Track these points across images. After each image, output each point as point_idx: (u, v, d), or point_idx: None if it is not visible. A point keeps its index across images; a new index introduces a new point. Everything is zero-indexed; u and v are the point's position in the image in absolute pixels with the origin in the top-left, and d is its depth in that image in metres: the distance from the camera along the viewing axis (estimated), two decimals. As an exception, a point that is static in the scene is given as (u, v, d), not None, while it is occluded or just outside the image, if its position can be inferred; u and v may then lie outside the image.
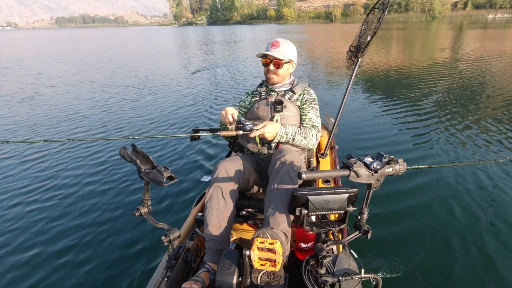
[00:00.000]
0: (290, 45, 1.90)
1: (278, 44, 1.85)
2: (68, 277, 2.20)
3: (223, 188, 1.56)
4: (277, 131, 1.67)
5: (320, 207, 1.11)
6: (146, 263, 2.26)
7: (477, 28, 31.90)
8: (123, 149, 1.22)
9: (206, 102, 6.94)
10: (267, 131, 1.62)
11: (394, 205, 2.85)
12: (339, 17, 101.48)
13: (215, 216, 1.52)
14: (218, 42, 25.97)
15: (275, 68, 1.86)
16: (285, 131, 1.69)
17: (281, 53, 1.84)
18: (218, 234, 1.49)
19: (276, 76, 1.89)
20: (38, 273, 2.23)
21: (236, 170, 1.62)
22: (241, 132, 1.58)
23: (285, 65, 1.87)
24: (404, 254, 2.27)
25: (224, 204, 1.54)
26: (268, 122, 1.65)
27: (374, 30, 1.99)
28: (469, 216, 2.69)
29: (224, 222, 1.52)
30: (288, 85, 1.95)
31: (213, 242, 1.47)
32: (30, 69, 12.77)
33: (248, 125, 1.58)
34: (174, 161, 3.95)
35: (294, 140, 1.73)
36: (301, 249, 1.58)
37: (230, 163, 1.63)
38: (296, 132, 1.73)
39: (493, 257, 2.22)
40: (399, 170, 1.14)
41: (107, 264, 2.29)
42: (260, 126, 1.61)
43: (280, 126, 1.69)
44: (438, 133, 4.57)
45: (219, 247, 1.46)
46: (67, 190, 3.33)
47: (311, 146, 1.82)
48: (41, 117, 5.98)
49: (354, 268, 1.27)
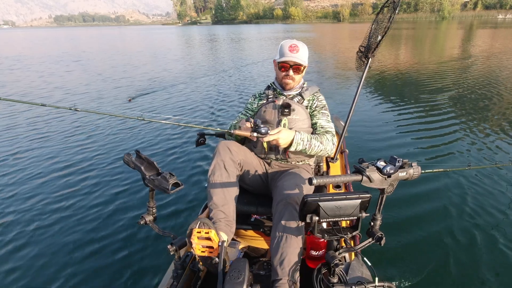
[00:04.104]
0: (306, 49, 1.83)
1: (297, 48, 1.76)
2: (71, 287, 2.17)
3: (225, 162, 1.56)
4: (292, 138, 1.60)
5: (332, 213, 1.08)
6: (152, 273, 2.22)
7: (487, 28, 31.41)
8: (127, 155, 1.20)
9: (212, 103, 6.93)
10: (282, 137, 1.55)
11: (408, 211, 2.78)
12: (347, 16, 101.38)
13: (219, 189, 1.53)
14: (224, 41, 26.03)
15: (294, 74, 1.80)
16: (300, 137, 1.62)
17: (301, 58, 1.77)
18: (224, 205, 1.51)
19: (293, 81, 1.83)
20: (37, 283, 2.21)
21: (237, 146, 1.65)
22: (255, 134, 1.53)
23: (298, 69, 1.81)
24: (419, 261, 2.21)
25: (228, 176, 1.55)
26: (283, 129, 1.59)
27: (384, 29, 1.94)
28: (488, 221, 2.61)
29: (228, 195, 1.53)
30: (298, 88, 1.89)
31: (220, 213, 1.49)
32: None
33: (264, 127, 1.53)
34: (179, 168, 3.90)
35: (311, 146, 1.65)
36: (312, 257, 1.54)
37: (233, 143, 1.66)
38: (312, 138, 1.66)
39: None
40: (413, 174, 1.11)
41: (111, 275, 2.25)
42: (275, 131, 1.55)
43: (295, 133, 1.62)
44: (453, 135, 4.47)
45: (228, 218, 1.49)
46: (68, 198, 3.28)
47: (329, 152, 1.73)
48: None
49: (368, 276, 1.23)
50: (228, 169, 1.55)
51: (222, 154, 1.58)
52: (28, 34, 63.98)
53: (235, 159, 1.60)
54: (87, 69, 13.00)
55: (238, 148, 1.65)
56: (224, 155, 1.58)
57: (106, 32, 66.70)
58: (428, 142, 4.26)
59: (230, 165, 1.57)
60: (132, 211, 3.01)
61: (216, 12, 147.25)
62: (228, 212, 1.51)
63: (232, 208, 1.54)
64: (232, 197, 1.54)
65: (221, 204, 1.50)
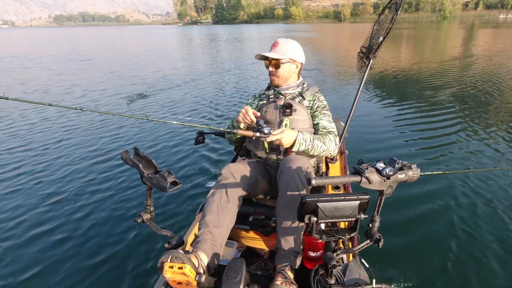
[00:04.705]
0: (290, 44, 1.81)
1: (277, 44, 1.78)
2: (67, 285, 2.16)
3: (227, 187, 1.51)
4: (294, 138, 1.59)
5: (330, 214, 1.08)
6: (149, 272, 2.21)
7: (488, 28, 31.37)
8: (125, 153, 1.19)
9: (210, 103, 6.91)
10: (284, 137, 1.54)
11: (406, 213, 2.77)
12: (348, 16, 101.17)
13: (214, 209, 1.44)
14: (226, 41, 25.97)
15: (274, 69, 1.79)
16: (303, 137, 1.61)
17: (280, 53, 1.77)
18: (215, 227, 1.40)
19: (277, 77, 1.81)
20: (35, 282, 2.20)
21: (242, 175, 1.57)
22: (258, 134, 1.51)
23: (284, 65, 1.78)
24: (416, 263, 2.20)
25: (227, 201, 1.48)
26: (286, 129, 1.58)
27: (386, 30, 1.93)
28: (486, 225, 2.59)
29: (223, 218, 1.44)
30: (295, 87, 1.87)
31: (208, 233, 1.38)
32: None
33: (267, 127, 1.51)
34: (178, 166, 3.88)
35: (314, 146, 1.64)
36: (310, 258, 1.53)
37: (236, 167, 1.59)
38: (314, 138, 1.65)
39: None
40: (412, 176, 1.11)
41: (107, 273, 2.24)
42: (278, 131, 1.54)
43: (297, 133, 1.61)
44: (452, 137, 4.45)
45: (214, 242, 1.37)
46: (64, 195, 3.27)
47: (331, 152, 1.72)
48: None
49: (365, 278, 1.22)
50: (229, 194, 1.49)
51: (226, 180, 1.53)
52: (27, 34, 63.79)
53: (240, 183, 1.54)
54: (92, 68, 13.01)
55: (242, 169, 1.61)
56: (227, 181, 1.53)
57: (105, 32, 66.56)
58: (428, 144, 4.25)
59: (231, 191, 1.51)
60: (129, 209, 3.00)
61: (216, 11, 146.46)
62: (217, 236, 1.39)
63: (223, 233, 1.42)
64: (226, 222, 1.45)
65: (212, 226, 1.41)
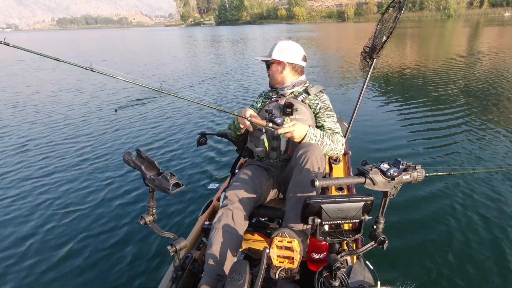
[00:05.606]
0: (279, 45, 1.85)
1: (273, 47, 1.87)
2: (69, 286, 2.17)
3: (234, 211, 1.49)
4: (305, 132, 1.59)
5: (334, 216, 1.07)
6: (151, 274, 2.21)
7: (494, 26, 31.10)
8: (127, 154, 1.18)
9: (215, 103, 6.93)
10: (296, 129, 1.54)
11: (411, 214, 2.75)
12: (351, 16, 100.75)
13: (220, 238, 1.42)
14: (230, 42, 25.99)
15: (269, 71, 1.89)
16: (314, 132, 1.61)
17: (273, 55, 1.83)
18: (220, 258, 1.37)
19: (271, 78, 1.90)
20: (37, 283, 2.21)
21: (247, 197, 1.55)
22: (271, 124, 1.50)
23: (271, 67, 1.86)
24: (422, 265, 2.18)
25: (234, 227, 1.45)
26: (298, 122, 1.58)
27: (390, 30, 1.92)
28: (492, 226, 2.57)
29: (231, 246, 1.42)
30: (290, 87, 1.86)
31: (213, 266, 1.35)
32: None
33: (279, 118, 1.50)
34: (180, 168, 3.88)
35: (323, 143, 1.64)
36: (314, 260, 1.51)
37: (239, 188, 1.57)
38: (324, 135, 1.65)
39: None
40: (417, 177, 1.10)
41: (109, 275, 2.24)
42: (290, 124, 1.54)
43: (308, 127, 1.61)
44: (458, 137, 4.41)
45: (219, 272, 1.34)
46: (66, 197, 3.28)
47: (339, 152, 1.71)
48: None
49: (370, 280, 1.21)
50: (236, 219, 1.47)
51: (231, 203, 1.51)
52: (31, 37, 64.38)
53: (245, 207, 1.52)
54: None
55: (246, 186, 1.58)
56: (233, 205, 1.51)
57: (108, 34, 66.98)
58: (433, 144, 4.21)
59: (238, 215, 1.48)
60: (131, 211, 3.00)
61: (219, 13, 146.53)
62: (222, 264, 1.36)
63: (229, 259, 1.39)
64: (232, 251, 1.42)
65: (219, 258, 1.37)
